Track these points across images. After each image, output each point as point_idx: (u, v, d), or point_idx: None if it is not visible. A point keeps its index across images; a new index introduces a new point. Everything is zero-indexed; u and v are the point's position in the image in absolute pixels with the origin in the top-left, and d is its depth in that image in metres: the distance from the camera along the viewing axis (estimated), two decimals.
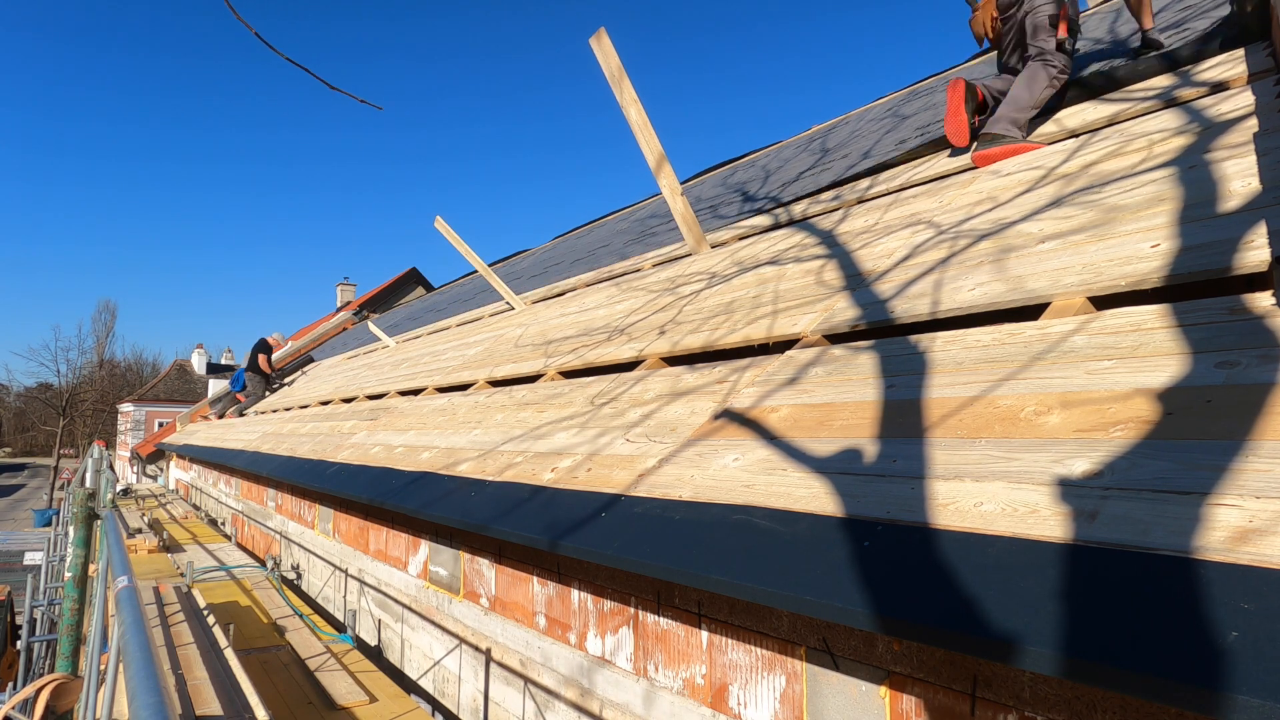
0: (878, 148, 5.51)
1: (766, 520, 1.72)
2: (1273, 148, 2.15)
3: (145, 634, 1.72)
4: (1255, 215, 1.85)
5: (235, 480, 9.24)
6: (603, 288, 6.03)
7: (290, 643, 4.24)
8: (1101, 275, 1.98)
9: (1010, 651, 1.11)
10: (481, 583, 3.31)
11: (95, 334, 54.90)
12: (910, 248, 2.98)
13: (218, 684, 3.16)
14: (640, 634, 2.32)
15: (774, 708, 1.84)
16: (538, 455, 3.00)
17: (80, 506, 6.24)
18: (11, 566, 19.91)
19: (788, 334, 2.81)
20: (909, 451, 1.69)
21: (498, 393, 4.54)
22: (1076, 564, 1.17)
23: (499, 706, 3.09)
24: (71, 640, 5.80)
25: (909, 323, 2.40)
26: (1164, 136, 2.68)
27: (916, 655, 1.53)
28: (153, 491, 15.05)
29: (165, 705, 1.32)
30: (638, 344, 3.78)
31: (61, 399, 48.69)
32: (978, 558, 1.29)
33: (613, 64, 4.20)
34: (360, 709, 3.32)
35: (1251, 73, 2.81)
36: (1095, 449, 1.39)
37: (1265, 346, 1.44)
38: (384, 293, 22.04)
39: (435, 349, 7.82)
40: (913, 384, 2.00)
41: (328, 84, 2.11)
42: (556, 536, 2.21)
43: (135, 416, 40.31)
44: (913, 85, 8.40)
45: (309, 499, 6.03)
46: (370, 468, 4.27)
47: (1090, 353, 1.72)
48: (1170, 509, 1.16)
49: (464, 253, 7.71)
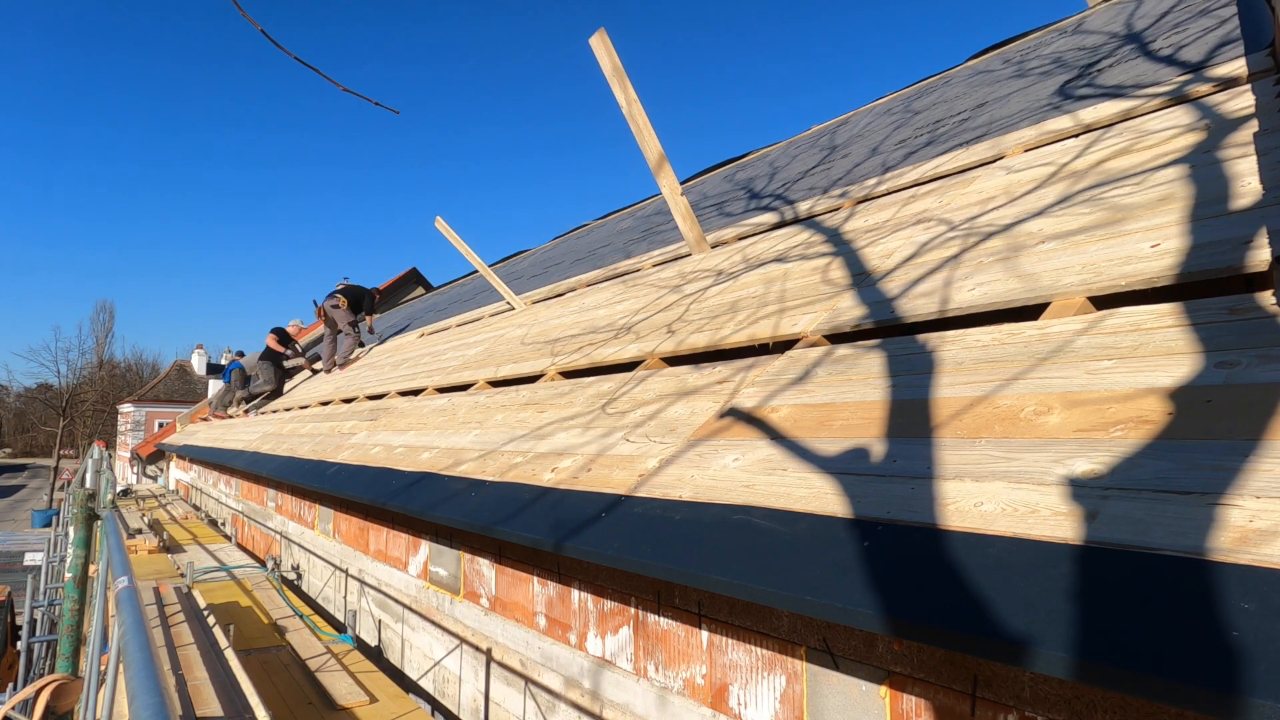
0: (885, 144, 5.51)
1: (766, 520, 1.72)
2: (1273, 147, 2.15)
3: (145, 634, 1.72)
4: (1255, 215, 1.85)
5: (235, 481, 9.24)
6: (604, 287, 6.03)
7: (290, 643, 4.24)
8: (1102, 275, 1.98)
9: (1010, 651, 1.11)
10: (482, 583, 3.31)
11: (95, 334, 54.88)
12: (915, 246, 2.98)
13: (218, 684, 3.16)
14: (641, 634, 2.32)
15: (774, 708, 1.84)
16: (538, 456, 3.00)
17: (80, 507, 6.24)
18: (11, 567, 19.90)
19: (790, 333, 2.81)
20: (909, 451, 1.69)
21: (498, 393, 4.53)
22: (1077, 564, 1.16)
23: (499, 707, 3.09)
24: (71, 641, 5.80)
25: (911, 322, 2.40)
26: (1166, 136, 2.68)
27: (917, 655, 1.53)
28: (153, 492, 15.04)
29: (165, 706, 1.32)
30: (639, 344, 3.78)
31: (61, 399, 48.70)
32: (978, 558, 1.29)
33: (613, 63, 4.21)
34: (360, 709, 3.32)
35: (1251, 73, 2.81)
36: (1095, 449, 1.39)
37: (1265, 346, 1.44)
38: (384, 293, 22.05)
39: (435, 349, 7.82)
40: (914, 384, 2.00)
41: (341, 86, 2.12)
42: (557, 537, 2.21)
43: (135, 417, 40.30)
44: (919, 82, 8.40)
45: (309, 499, 6.03)
46: (370, 468, 4.27)
47: (1090, 353, 1.72)
48: (1171, 509, 1.16)
49: (464, 253, 7.71)
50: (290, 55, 2.00)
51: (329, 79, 2.08)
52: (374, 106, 2.30)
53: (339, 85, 2.12)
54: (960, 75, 7.40)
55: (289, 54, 2.00)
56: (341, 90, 2.15)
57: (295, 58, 2.00)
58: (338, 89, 2.13)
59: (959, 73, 7.64)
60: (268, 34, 1.90)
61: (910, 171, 4.24)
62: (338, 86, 2.12)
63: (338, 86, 2.12)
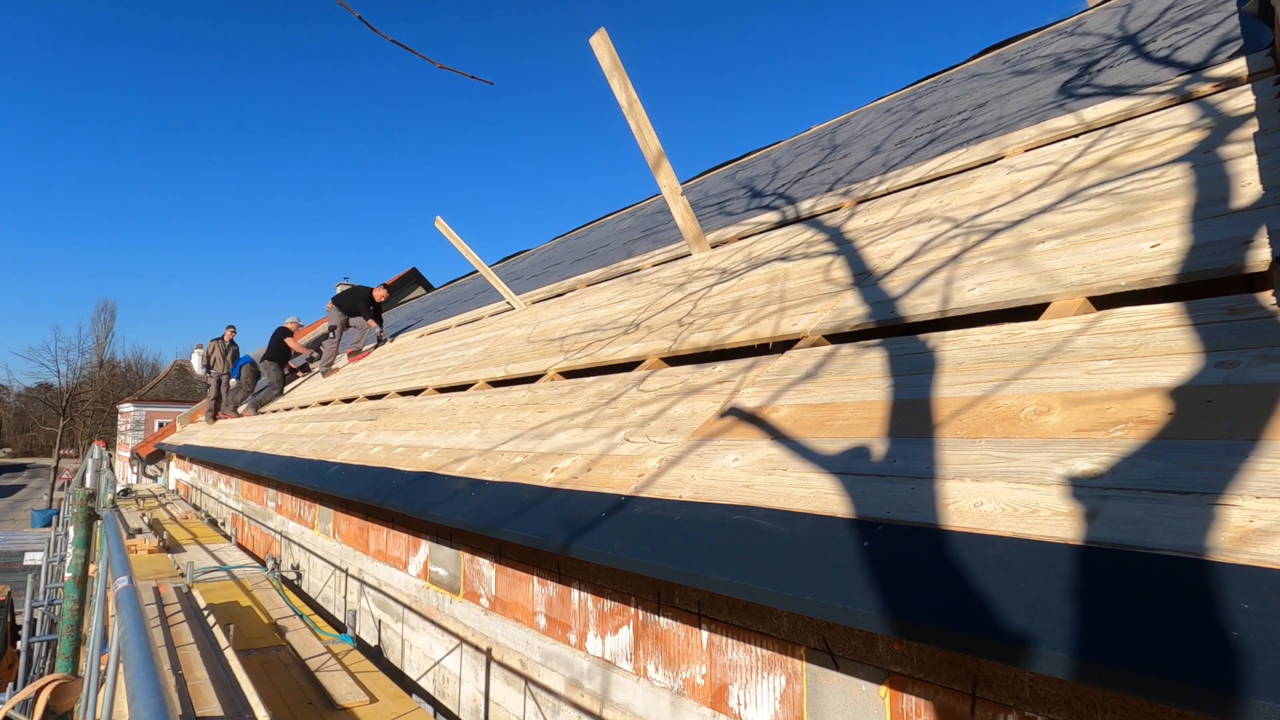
0: (886, 144, 5.51)
1: (766, 520, 1.72)
2: (1273, 147, 2.15)
3: (145, 634, 1.72)
4: (1255, 215, 1.85)
5: (235, 480, 9.24)
6: (604, 287, 6.03)
7: (290, 643, 4.24)
8: (1102, 275, 1.98)
9: (1010, 651, 1.11)
10: (481, 583, 3.31)
11: (95, 334, 54.89)
12: (916, 246, 2.98)
13: (218, 684, 3.16)
14: (641, 634, 2.32)
15: (774, 708, 1.84)
16: (538, 455, 3.00)
17: (80, 507, 6.24)
18: (11, 566, 19.91)
19: (791, 333, 2.81)
20: (910, 451, 1.69)
21: (498, 393, 4.53)
22: (1076, 564, 1.16)
23: (499, 707, 3.09)
24: (71, 640, 5.80)
25: (912, 322, 2.40)
26: (1166, 136, 2.68)
27: (916, 655, 1.53)
28: (153, 492, 15.04)
29: (165, 705, 1.32)
30: (639, 343, 3.78)
31: (61, 399, 48.69)
32: (978, 557, 1.29)
33: (613, 64, 4.21)
34: (360, 709, 3.32)
35: (1252, 73, 2.81)
36: (1095, 449, 1.39)
37: (1265, 346, 1.44)
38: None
39: (435, 349, 7.82)
40: (914, 384, 2.00)
41: (438, 64, 2.21)
42: (557, 537, 2.21)
43: (135, 417, 40.30)
44: (919, 82, 8.39)
45: (309, 499, 6.03)
46: (370, 468, 4.27)
47: (1091, 353, 1.72)
48: (1170, 509, 1.16)
49: (464, 252, 7.70)
50: (389, 39, 2.11)
51: (427, 58, 2.20)
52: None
53: (436, 63, 2.22)
54: (961, 75, 7.40)
55: (387, 38, 2.09)
56: (439, 68, 2.23)
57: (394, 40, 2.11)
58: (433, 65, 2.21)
59: (960, 72, 7.64)
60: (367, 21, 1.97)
61: (911, 171, 4.24)
62: (435, 64, 2.21)
63: (435, 64, 2.21)
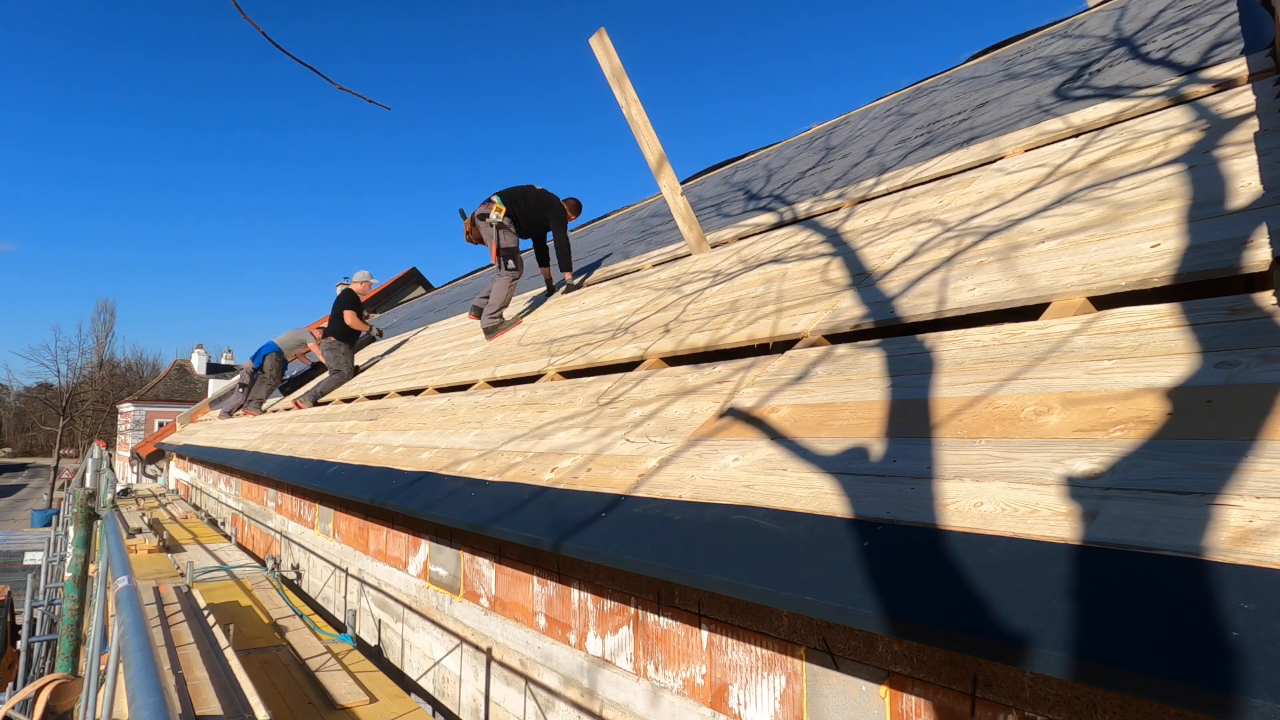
0: (882, 145, 5.51)
1: (766, 520, 1.72)
2: (1273, 148, 2.15)
3: (145, 634, 1.72)
4: (1256, 215, 1.85)
5: (235, 480, 9.24)
6: (604, 287, 6.03)
7: (290, 643, 4.24)
8: (1101, 275, 1.98)
9: (1010, 651, 1.11)
10: (481, 582, 3.31)
11: (95, 334, 54.92)
12: (914, 246, 2.98)
13: (218, 684, 3.16)
14: (640, 634, 2.32)
15: (774, 708, 1.84)
16: (538, 455, 3.00)
17: (80, 506, 6.24)
18: (11, 566, 19.92)
19: (790, 333, 2.81)
20: (909, 451, 1.69)
21: (498, 393, 4.53)
22: (1076, 564, 1.17)
23: (499, 706, 3.09)
24: (71, 640, 5.80)
25: (911, 322, 2.40)
26: (1166, 135, 2.68)
27: (916, 655, 1.53)
28: (153, 491, 15.04)
29: (165, 705, 1.32)
30: (639, 343, 3.78)
31: (61, 399, 48.70)
32: (978, 558, 1.29)
33: (613, 63, 4.20)
34: (360, 709, 3.32)
35: (1251, 73, 2.81)
36: (1095, 449, 1.39)
37: (1265, 346, 1.44)
38: (384, 293, 22.03)
39: (435, 349, 7.82)
40: (913, 384, 2.00)
41: (336, 84, 2.12)
42: (557, 537, 2.21)
43: (135, 416, 40.33)
44: (916, 83, 8.40)
45: (309, 499, 6.03)
46: (370, 468, 4.27)
47: (1090, 353, 1.72)
48: (1170, 509, 1.16)
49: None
50: (287, 54, 2.01)
51: (324, 77, 2.08)
52: (369, 104, 2.31)
53: (335, 84, 2.13)
54: (958, 76, 7.40)
55: (286, 53, 2.00)
56: (338, 89, 2.16)
57: (291, 56, 2.01)
58: (335, 88, 2.14)
59: (957, 74, 7.64)
60: (266, 34, 1.90)
61: (908, 172, 4.24)
62: (334, 85, 2.13)
63: (334, 85, 2.13)
